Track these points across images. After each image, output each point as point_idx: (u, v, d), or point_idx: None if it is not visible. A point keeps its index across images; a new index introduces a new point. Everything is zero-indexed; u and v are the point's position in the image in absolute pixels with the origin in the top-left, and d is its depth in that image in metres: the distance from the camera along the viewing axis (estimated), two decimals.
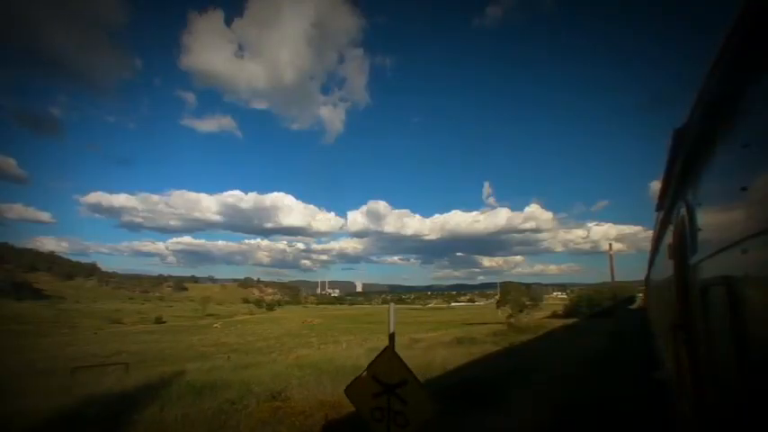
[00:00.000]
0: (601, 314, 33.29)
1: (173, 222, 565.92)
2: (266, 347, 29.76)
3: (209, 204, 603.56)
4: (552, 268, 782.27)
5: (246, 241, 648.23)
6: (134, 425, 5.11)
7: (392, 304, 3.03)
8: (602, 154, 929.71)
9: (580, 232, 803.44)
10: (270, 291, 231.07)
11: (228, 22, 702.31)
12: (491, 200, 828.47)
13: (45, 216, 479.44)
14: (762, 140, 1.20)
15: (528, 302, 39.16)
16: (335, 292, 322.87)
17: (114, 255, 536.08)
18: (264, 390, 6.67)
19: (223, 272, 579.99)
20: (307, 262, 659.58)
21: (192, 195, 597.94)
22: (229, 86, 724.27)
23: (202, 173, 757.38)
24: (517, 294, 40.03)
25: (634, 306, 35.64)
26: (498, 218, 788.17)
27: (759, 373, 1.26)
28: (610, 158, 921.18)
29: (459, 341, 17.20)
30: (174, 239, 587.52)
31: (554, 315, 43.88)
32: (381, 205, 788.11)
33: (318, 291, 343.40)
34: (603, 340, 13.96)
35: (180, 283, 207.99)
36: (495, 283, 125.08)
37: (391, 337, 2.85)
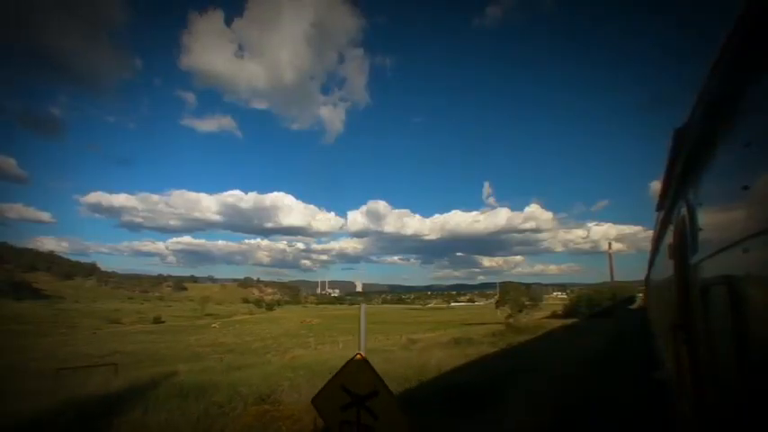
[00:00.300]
0: (600, 314, 33.36)
1: (173, 222, 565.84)
2: (262, 348, 29.79)
3: (209, 204, 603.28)
4: (552, 268, 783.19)
5: (246, 241, 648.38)
6: (114, 429, 4.87)
7: (363, 305, 2.73)
8: (602, 154, 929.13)
9: (580, 232, 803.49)
10: (269, 291, 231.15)
11: (228, 22, 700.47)
12: (491, 200, 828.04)
13: (45, 216, 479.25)
14: (763, 139, 1.20)
15: (527, 302, 39.27)
16: (335, 292, 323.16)
17: (114, 255, 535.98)
18: (254, 392, 6.50)
19: (223, 272, 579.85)
20: (307, 262, 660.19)
21: (192, 195, 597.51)
22: (229, 86, 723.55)
23: (202, 173, 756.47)
24: (516, 294, 40.11)
25: (634, 306, 35.69)
26: (498, 218, 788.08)
27: (759, 373, 1.25)
28: (610, 158, 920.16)
29: (456, 342, 17.22)
30: (174, 239, 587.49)
31: (553, 315, 43.97)
32: (381, 205, 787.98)
33: (318, 291, 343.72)
34: (603, 341, 13.96)
35: (179, 283, 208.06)
36: (495, 284, 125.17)
37: (361, 342, 2.56)
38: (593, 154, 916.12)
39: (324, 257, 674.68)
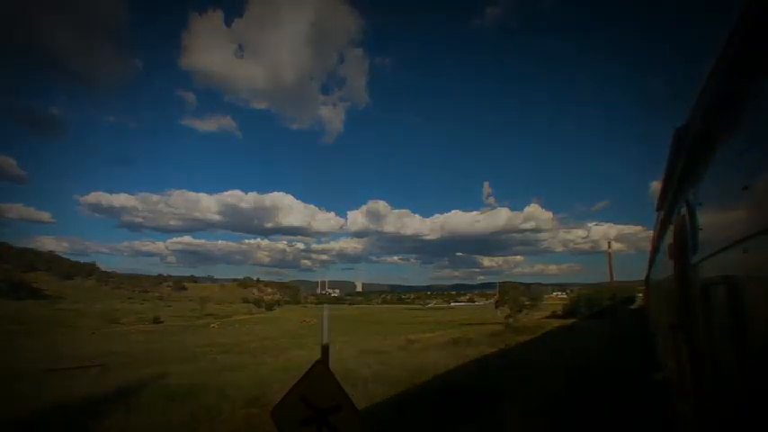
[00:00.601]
0: (600, 314, 33.39)
1: (173, 222, 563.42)
2: (260, 348, 29.58)
3: (209, 204, 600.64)
4: (552, 268, 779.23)
5: (246, 241, 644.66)
6: None
7: (326, 307, 2.51)
8: (602, 154, 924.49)
9: (580, 232, 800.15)
10: (269, 290, 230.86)
11: (228, 22, 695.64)
12: (491, 200, 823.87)
13: (45, 216, 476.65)
14: (763, 139, 1.20)
15: (527, 302, 39.21)
16: (335, 292, 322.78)
17: (114, 255, 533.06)
18: (244, 395, 6.40)
19: (223, 272, 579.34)
20: (307, 262, 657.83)
21: (192, 195, 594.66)
22: (229, 86, 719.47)
23: (202, 173, 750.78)
24: (516, 294, 40.06)
25: (634, 306, 35.73)
26: (498, 218, 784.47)
27: (759, 373, 1.25)
28: (610, 158, 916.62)
29: (455, 342, 17.18)
30: (174, 239, 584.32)
31: (553, 315, 43.95)
32: (381, 205, 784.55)
33: (318, 291, 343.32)
34: (602, 341, 13.97)
35: (179, 283, 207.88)
36: (495, 283, 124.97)
37: (325, 349, 2.36)
38: (593, 154, 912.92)
39: (324, 257, 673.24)
